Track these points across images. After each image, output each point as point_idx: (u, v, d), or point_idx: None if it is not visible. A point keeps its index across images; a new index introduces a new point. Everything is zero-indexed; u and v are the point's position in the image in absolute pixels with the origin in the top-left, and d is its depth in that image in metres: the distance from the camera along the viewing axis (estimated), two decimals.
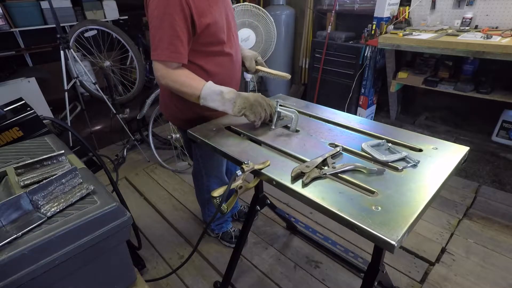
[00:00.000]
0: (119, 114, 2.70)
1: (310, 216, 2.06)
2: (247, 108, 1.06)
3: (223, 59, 1.22)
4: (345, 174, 0.83)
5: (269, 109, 1.09)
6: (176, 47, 1.04)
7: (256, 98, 1.07)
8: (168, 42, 1.02)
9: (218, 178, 1.58)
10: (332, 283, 1.60)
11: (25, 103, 1.19)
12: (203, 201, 1.77)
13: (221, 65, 1.22)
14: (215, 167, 1.53)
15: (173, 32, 1.01)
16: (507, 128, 2.51)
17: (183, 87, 1.08)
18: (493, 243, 1.79)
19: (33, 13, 3.54)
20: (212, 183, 1.59)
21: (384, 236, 0.62)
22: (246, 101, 1.05)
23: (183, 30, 1.03)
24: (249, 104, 1.05)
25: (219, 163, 1.52)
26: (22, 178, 0.74)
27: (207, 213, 1.80)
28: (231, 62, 1.25)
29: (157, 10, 1.01)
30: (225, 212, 0.83)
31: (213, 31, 1.12)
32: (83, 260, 0.69)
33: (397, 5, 2.71)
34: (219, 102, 1.06)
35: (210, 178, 1.58)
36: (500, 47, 1.93)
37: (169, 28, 1.01)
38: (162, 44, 1.03)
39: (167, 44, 1.03)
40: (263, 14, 2.14)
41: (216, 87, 1.07)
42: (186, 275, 1.69)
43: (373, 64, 2.89)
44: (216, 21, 1.11)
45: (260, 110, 1.06)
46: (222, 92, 1.06)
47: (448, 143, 0.97)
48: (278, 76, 1.33)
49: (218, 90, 1.06)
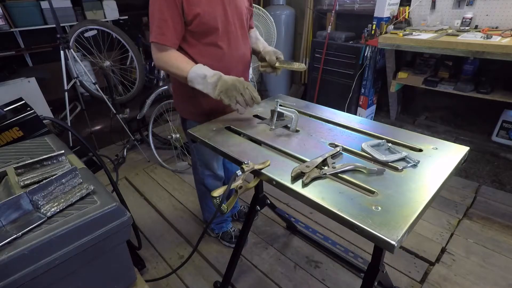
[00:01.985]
0: (119, 114, 2.70)
1: (310, 216, 2.06)
2: (223, 91, 1.06)
3: (215, 51, 1.23)
4: (345, 174, 0.82)
5: (247, 93, 1.07)
6: (162, 30, 1.11)
7: (233, 82, 1.06)
8: (156, 25, 1.11)
9: (212, 171, 1.59)
10: (332, 283, 1.60)
11: (25, 103, 1.19)
12: (199, 193, 1.78)
13: (211, 57, 1.23)
14: (208, 160, 1.54)
15: (160, 15, 1.09)
16: (507, 128, 2.51)
17: (173, 69, 1.15)
18: (493, 243, 1.79)
19: (33, 13, 3.54)
20: (206, 176, 1.61)
21: (384, 236, 0.62)
22: (224, 85, 1.06)
23: (172, 15, 1.10)
24: (225, 88, 1.06)
25: (212, 157, 1.54)
26: (22, 178, 0.74)
27: (205, 207, 1.82)
28: (224, 56, 1.25)
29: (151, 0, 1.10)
30: (225, 212, 0.83)
31: (204, 21, 1.14)
32: (83, 260, 0.69)
33: (397, 5, 2.71)
34: (203, 85, 1.11)
35: (204, 171, 1.59)
36: (500, 47, 1.93)
37: (158, 12, 1.09)
38: (152, 27, 1.13)
39: (155, 27, 1.11)
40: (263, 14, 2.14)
41: (201, 70, 1.11)
42: (186, 275, 1.69)
43: (373, 64, 2.89)
44: (208, 11, 1.13)
45: (235, 94, 1.05)
46: (205, 75, 1.09)
47: (448, 143, 0.97)
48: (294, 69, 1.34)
49: (202, 73, 1.10)
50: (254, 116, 1.24)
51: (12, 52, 3.54)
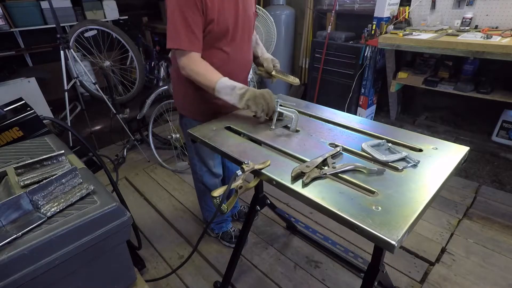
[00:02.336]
0: (119, 114, 2.70)
1: (310, 216, 2.06)
2: (251, 99, 1.09)
3: (221, 55, 1.25)
4: (345, 174, 0.82)
5: (272, 104, 1.11)
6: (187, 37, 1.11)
7: (262, 92, 1.11)
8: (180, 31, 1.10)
9: (209, 169, 1.59)
10: (332, 283, 1.60)
11: (25, 103, 1.19)
12: (198, 192, 1.77)
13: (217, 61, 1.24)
14: (206, 157, 1.54)
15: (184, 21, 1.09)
16: (507, 128, 2.51)
17: (200, 77, 1.16)
18: (493, 243, 1.79)
19: (33, 13, 3.54)
20: (204, 173, 1.61)
21: (384, 236, 0.62)
22: (252, 94, 1.10)
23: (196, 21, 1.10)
24: (253, 96, 1.09)
25: (208, 153, 1.54)
26: (22, 178, 0.74)
27: (204, 206, 1.81)
28: (229, 60, 1.27)
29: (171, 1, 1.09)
30: (225, 212, 0.83)
31: (217, 27, 1.16)
32: (83, 260, 0.69)
33: (397, 5, 2.71)
34: (231, 96, 1.12)
35: (202, 168, 1.59)
36: (500, 47, 1.93)
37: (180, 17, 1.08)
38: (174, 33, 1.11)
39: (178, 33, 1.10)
40: (263, 14, 2.14)
41: (230, 82, 1.13)
42: (186, 275, 1.69)
43: (373, 64, 2.89)
44: (222, 19, 1.15)
45: (262, 102, 1.09)
46: (235, 87, 1.12)
47: (448, 143, 0.97)
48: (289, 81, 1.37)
49: (232, 85, 1.13)
50: (254, 116, 1.24)
51: (12, 52, 3.54)
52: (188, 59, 1.15)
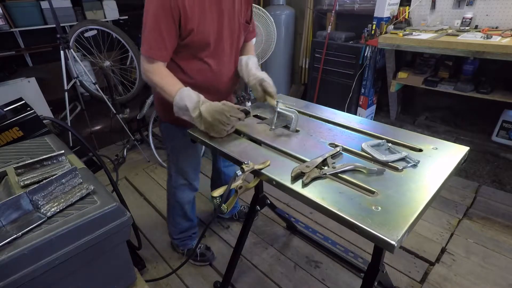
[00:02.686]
0: (119, 114, 2.70)
1: (310, 216, 2.06)
2: (209, 129, 1.04)
3: (203, 66, 1.20)
4: (345, 174, 0.82)
5: (232, 121, 1.04)
6: (157, 44, 1.07)
7: (214, 118, 1.02)
8: (150, 37, 1.07)
9: (187, 181, 1.51)
10: (332, 283, 1.60)
11: (25, 103, 1.19)
12: (168, 205, 1.65)
13: (199, 72, 1.20)
14: (187, 168, 1.46)
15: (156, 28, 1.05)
16: (507, 128, 2.51)
17: (159, 88, 1.12)
18: (493, 243, 1.79)
19: (33, 13, 3.54)
20: (179, 187, 1.52)
21: (384, 236, 0.62)
22: (207, 122, 1.03)
23: (169, 29, 1.05)
24: (209, 125, 1.03)
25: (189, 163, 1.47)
26: (22, 178, 0.74)
27: (172, 221, 1.68)
28: (212, 72, 1.22)
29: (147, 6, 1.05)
30: (225, 212, 0.83)
31: (197, 38, 1.11)
32: (83, 260, 0.69)
33: (397, 5, 2.71)
34: (188, 117, 1.07)
35: (178, 179, 1.50)
36: (500, 47, 1.93)
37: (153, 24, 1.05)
38: (145, 39, 1.08)
39: (149, 39, 1.07)
40: (263, 14, 2.14)
41: (183, 102, 1.05)
42: (186, 275, 1.69)
43: (373, 64, 2.89)
44: (202, 29, 1.10)
45: (222, 128, 1.03)
46: (187, 109, 1.05)
47: (448, 143, 0.97)
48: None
49: (184, 105, 1.05)
50: (254, 116, 1.24)
51: (12, 52, 3.53)
52: (149, 66, 1.11)
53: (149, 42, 1.07)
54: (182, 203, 1.58)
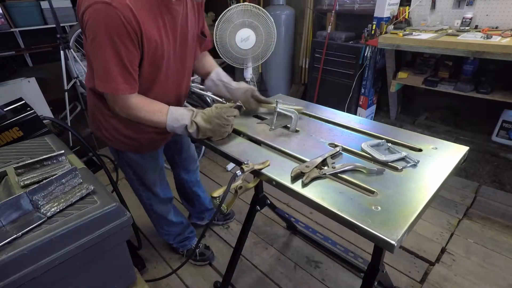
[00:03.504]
0: None
1: (310, 216, 2.06)
2: (212, 135, 1.03)
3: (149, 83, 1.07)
4: (345, 174, 0.82)
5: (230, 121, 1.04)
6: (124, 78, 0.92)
7: (214, 123, 1.01)
8: (114, 73, 0.90)
9: (157, 195, 1.48)
10: (332, 283, 1.60)
11: (25, 103, 1.19)
12: (152, 221, 1.65)
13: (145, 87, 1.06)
14: (151, 183, 1.42)
15: (118, 61, 0.89)
16: (507, 128, 2.51)
17: (146, 121, 1.04)
18: (493, 243, 1.79)
19: (33, 13, 3.54)
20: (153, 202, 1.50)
21: (384, 236, 0.62)
22: (208, 130, 1.02)
23: (131, 58, 0.91)
24: (211, 132, 1.02)
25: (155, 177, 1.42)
26: (22, 178, 0.74)
27: (162, 232, 1.68)
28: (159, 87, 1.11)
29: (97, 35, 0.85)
30: (225, 212, 0.83)
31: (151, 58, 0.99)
32: (83, 260, 0.69)
33: (397, 5, 2.71)
34: (185, 132, 1.05)
35: (150, 196, 1.47)
36: (500, 47, 1.92)
37: (114, 57, 0.88)
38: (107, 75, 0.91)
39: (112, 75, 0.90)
40: (263, 14, 2.14)
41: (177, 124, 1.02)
42: (186, 275, 1.69)
43: (373, 64, 2.89)
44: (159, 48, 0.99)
45: (223, 131, 1.03)
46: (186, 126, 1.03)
47: (448, 143, 0.97)
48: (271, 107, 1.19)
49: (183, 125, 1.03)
50: (254, 116, 1.24)
51: (12, 52, 3.53)
52: (125, 103, 0.98)
53: (115, 78, 0.91)
54: (163, 214, 1.57)
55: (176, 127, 1.04)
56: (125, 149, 1.25)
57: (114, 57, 0.88)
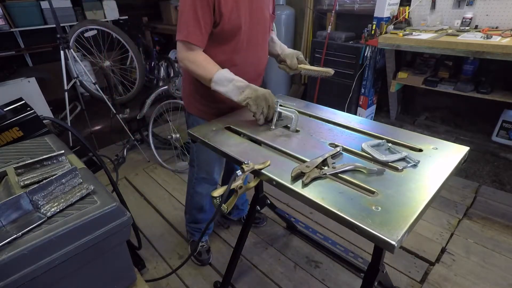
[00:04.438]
0: (119, 114, 2.70)
1: (310, 216, 2.06)
2: (253, 98, 1.07)
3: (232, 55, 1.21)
4: (345, 174, 0.82)
5: (273, 107, 1.10)
6: (193, 29, 1.09)
7: (264, 93, 1.08)
8: (187, 23, 1.09)
9: (206, 177, 1.53)
10: (332, 283, 1.60)
11: (25, 103, 1.19)
12: (187, 192, 1.69)
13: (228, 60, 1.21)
14: (206, 161, 1.49)
15: (192, 13, 1.07)
16: (507, 128, 2.51)
17: (199, 69, 1.13)
18: (493, 243, 1.79)
19: (33, 13, 3.54)
20: (200, 180, 1.56)
21: (384, 236, 0.62)
22: (254, 92, 1.07)
23: (204, 14, 1.07)
24: (255, 95, 1.07)
25: (211, 159, 1.48)
26: (22, 178, 0.74)
27: (187, 208, 1.73)
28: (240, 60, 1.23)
29: None
30: (226, 211, 0.83)
31: (229, 25, 1.12)
32: (83, 260, 0.69)
33: (397, 5, 2.71)
34: (227, 87, 1.09)
35: (199, 172, 1.54)
36: (500, 47, 1.93)
37: (189, 9, 1.07)
38: (181, 25, 1.10)
39: (186, 25, 1.09)
40: None
41: (229, 75, 1.11)
42: (186, 275, 1.69)
43: (373, 64, 2.89)
44: (234, 16, 1.12)
45: (263, 104, 1.07)
46: (233, 79, 1.09)
47: (448, 143, 0.97)
48: (322, 72, 1.33)
49: (230, 77, 1.10)
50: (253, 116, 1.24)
51: (12, 52, 3.54)
52: (188, 51, 1.13)
53: (187, 27, 1.09)
54: (199, 195, 1.61)
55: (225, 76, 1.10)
56: (197, 114, 1.37)
57: (190, 11, 1.06)
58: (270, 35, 1.41)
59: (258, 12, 1.20)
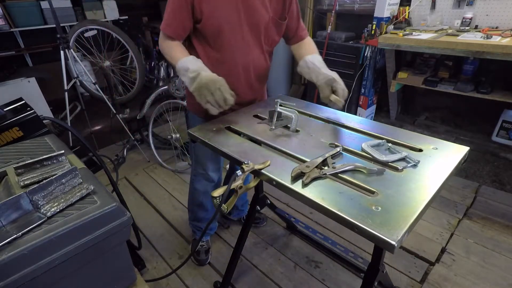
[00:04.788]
0: (119, 114, 2.70)
1: (310, 216, 2.06)
2: (196, 89, 1.06)
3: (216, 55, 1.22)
4: (345, 174, 0.82)
5: (217, 94, 1.04)
6: (169, 21, 1.16)
7: (206, 81, 1.05)
8: (166, 15, 1.17)
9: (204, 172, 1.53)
10: (332, 283, 1.60)
11: (25, 103, 1.19)
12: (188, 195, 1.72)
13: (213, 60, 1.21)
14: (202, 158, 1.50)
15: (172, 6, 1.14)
16: (507, 128, 2.51)
17: (168, 57, 1.20)
18: (493, 243, 1.79)
19: (33, 13, 3.54)
20: (198, 176, 1.57)
21: (384, 236, 0.62)
22: (199, 82, 1.06)
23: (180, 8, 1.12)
24: (198, 86, 1.05)
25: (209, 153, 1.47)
26: (22, 178, 0.74)
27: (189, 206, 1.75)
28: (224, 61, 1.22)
29: None
30: (226, 212, 0.83)
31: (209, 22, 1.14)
32: (83, 260, 0.69)
33: (397, 5, 2.71)
34: (184, 78, 1.12)
35: (197, 169, 1.55)
36: (500, 47, 1.93)
37: (169, 5, 1.15)
38: (164, 17, 1.18)
39: (165, 17, 1.17)
40: None
41: (186, 64, 1.11)
42: (186, 275, 1.69)
43: (373, 64, 2.89)
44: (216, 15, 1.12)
45: (205, 93, 1.04)
46: (188, 69, 1.10)
47: (448, 143, 0.97)
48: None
49: (186, 66, 1.10)
50: (254, 116, 1.24)
51: (12, 52, 3.54)
52: (166, 40, 1.20)
53: (166, 19, 1.17)
54: (197, 191, 1.61)
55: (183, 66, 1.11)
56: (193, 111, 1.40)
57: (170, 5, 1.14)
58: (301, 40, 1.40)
59: (249, 12, 1.16)
